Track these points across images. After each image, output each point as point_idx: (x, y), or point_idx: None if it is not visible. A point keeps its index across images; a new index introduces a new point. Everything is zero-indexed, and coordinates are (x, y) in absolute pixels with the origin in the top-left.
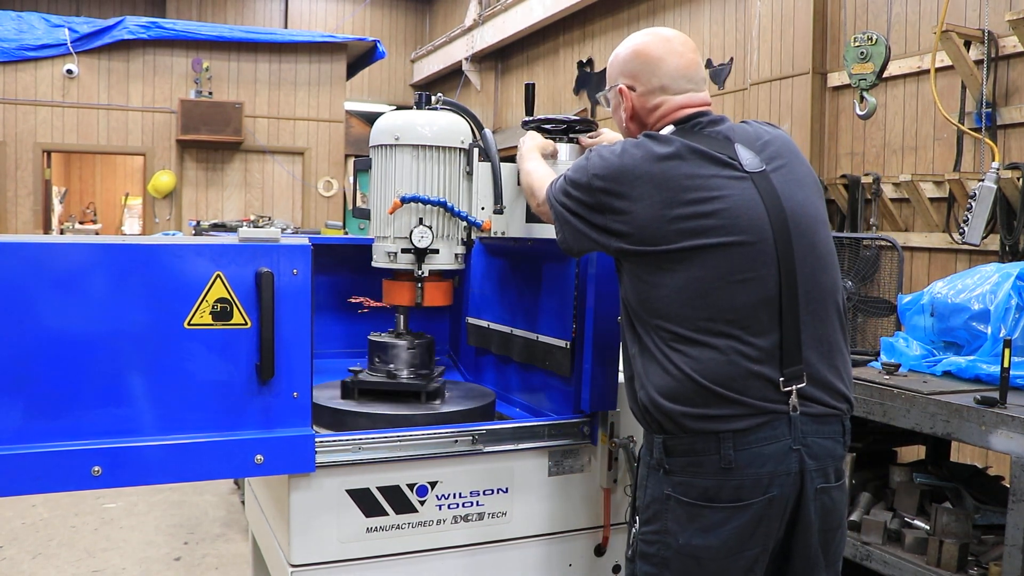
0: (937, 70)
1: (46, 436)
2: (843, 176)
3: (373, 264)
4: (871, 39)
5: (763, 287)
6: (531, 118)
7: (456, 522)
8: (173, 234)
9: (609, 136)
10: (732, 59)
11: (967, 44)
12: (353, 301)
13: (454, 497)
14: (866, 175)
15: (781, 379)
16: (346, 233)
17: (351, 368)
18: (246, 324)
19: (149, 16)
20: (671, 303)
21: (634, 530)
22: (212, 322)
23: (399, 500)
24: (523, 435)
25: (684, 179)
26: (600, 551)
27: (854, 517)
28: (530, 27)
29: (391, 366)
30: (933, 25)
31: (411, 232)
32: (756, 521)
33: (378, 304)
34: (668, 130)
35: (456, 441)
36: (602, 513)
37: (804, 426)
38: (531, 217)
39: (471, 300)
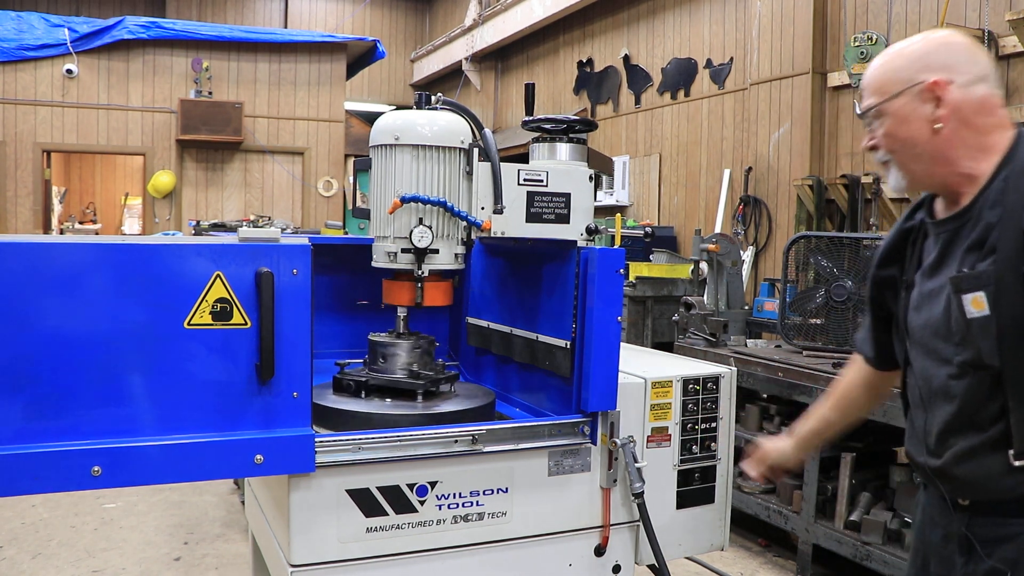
0: None
1: (46, 436)
2: (843, 176)
3: (373, 264)
4: (871, 39)
5: None
6: (531, 118)
7: (456, 522)
8: (173, 234)
9: None
10: (732, 59)
11: None
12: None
13: (454, 497)
14: (866, 175)
15: None
16: (346, 233)
17: (346, 370)
18: (246, 324)
19: (149, 16)
20: None
21: None
22: (212, 322)
23: (399, 500)
24: (523, 435)
25: None
26: (600, 551)
27: (854, 517)
28: (530, 27)
29: (412, 365)
30: (933, 25)
31: (411, 232)
32: None
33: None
34: None
35: (456, 441)
36: (602, 513)
37: None
38: (531, 217)
39: (471, 300)
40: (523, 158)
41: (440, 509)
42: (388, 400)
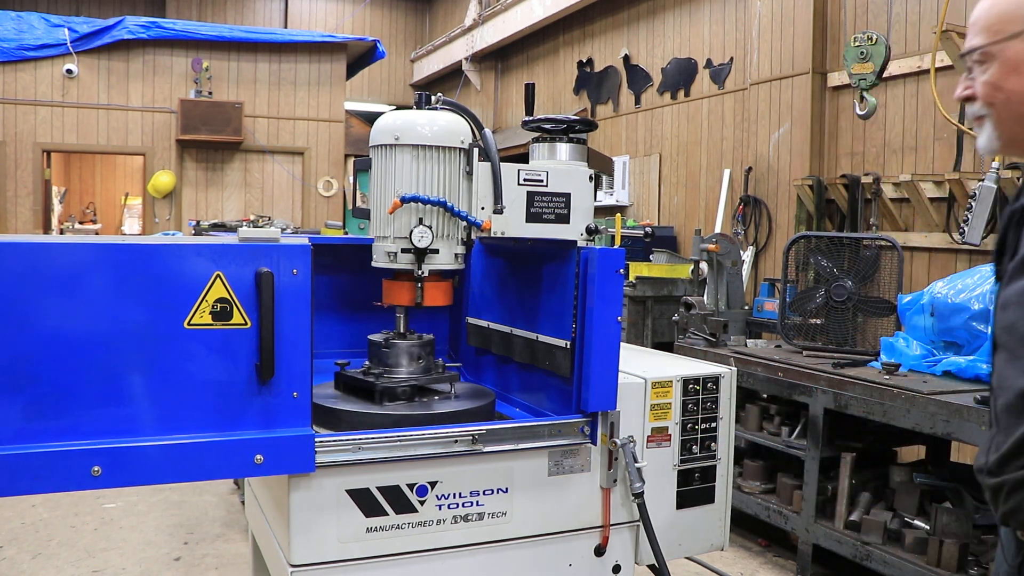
0: (937, 70)
1: (46, 436)
2: (843, 176)
3: (373, 264)
4: (871, 39)
5: None
6: (531, 118)
7: (456, 522)
8: (173, 234)
9: None
10: (732, 59)
11: None
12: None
13: (454, 497)
14: (866, 175)
15: None
16: (346, 233)
17: (349, 370)
18: (246, 324)
19: (149, 16)
20: None
21: None
22: (212, 322)
23: (399, 500)
24: (523, 435)
25: None
26: (600, 551)
27: (854, 517)
28: (530, 27)
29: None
30: (933, 25)
31: (411, 232)
32: None
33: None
34: None
35: (456, 441)
36: (602, 513)
37: None
38: (531, 217)
39: (471, 300)
40: (523, 158)
41: (440, 509)
42: (390, 401)
